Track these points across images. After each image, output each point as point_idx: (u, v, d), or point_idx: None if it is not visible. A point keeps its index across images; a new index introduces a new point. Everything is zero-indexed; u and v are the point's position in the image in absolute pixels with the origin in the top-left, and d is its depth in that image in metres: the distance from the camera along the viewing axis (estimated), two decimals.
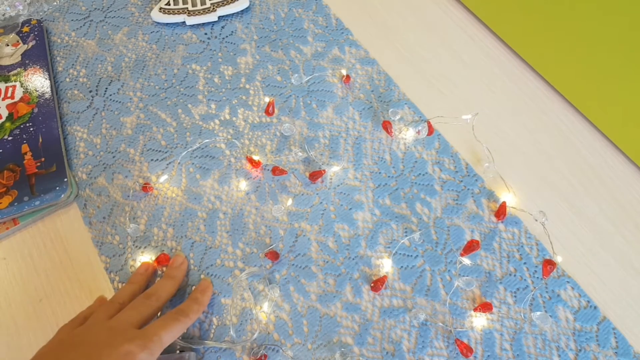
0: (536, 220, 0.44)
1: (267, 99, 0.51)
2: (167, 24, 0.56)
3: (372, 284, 0.41)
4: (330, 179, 0.47)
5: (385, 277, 0.41)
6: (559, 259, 0.42)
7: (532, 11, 0.48)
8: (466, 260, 0.42)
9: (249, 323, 0.41)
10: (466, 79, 0.52)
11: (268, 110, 0.49)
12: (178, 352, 0.39)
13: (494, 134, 0.49)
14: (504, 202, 0.44)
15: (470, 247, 0.42)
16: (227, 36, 0.55)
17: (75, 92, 0.52)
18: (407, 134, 0.48)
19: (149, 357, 0.33)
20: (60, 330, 0.36)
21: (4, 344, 0.40)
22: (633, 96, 0.43)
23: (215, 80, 0.52)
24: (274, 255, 0.42)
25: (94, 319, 0.36)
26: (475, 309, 0.40)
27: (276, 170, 0.46)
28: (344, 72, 0.52)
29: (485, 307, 0.40)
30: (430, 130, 0.48)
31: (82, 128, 0.50)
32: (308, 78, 0.52)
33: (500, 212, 0.44)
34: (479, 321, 0.40)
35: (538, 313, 0.40)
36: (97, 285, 0.43)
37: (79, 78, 0.53)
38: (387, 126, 0.48)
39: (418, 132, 0.48)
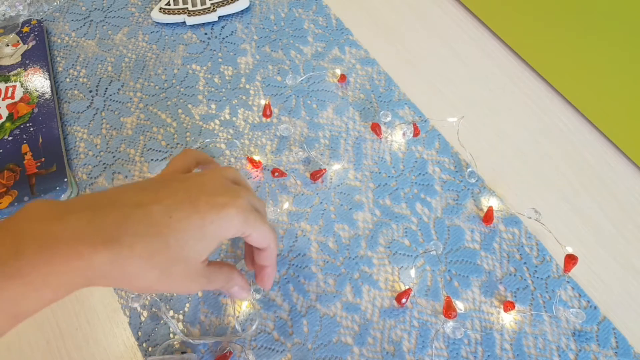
0: (530, 218, 0.43)
1: (262, 102, 0.50)
2: (167, 24, 0.56)
3: (395, 298, 0.41)
4: (331, 179, 0.47)
5: (409, 290, 0.41)
6: (568, 249, 0.42)
7: (532, 11, 0.48)
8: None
9: (249, 323, 0.41)
10: (466, 79, 0.52)
11: (265, 113, 0.49)
12: (180, 353, 0.39)
13: (494, 134, 0.49)
14: (491, 207, 0.44)
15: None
16: (227, 36, 0.55)
17: (75, 92, 0.52)
18: (395, 137, 0.48)
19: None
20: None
21: (4, 344, 0.40)
22: (633, 96, 0.43)
23: (216, 80, 0.52)
24: None
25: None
26: (475, 309, 0.40)
27: (275, 172, 0.46)
28: (338, 71, 0.52)
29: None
30: (416, 131, 0.47)
31: (82, 128, 0.50)
32: (303, 77, 0.52)
33: (488, 217, 0.44)
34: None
35: (573, 310, 0.40)
36: None
37: (79, 78, 0.53)
38: (375, 128, 0.48)
39: (403, 135, 0.48)
